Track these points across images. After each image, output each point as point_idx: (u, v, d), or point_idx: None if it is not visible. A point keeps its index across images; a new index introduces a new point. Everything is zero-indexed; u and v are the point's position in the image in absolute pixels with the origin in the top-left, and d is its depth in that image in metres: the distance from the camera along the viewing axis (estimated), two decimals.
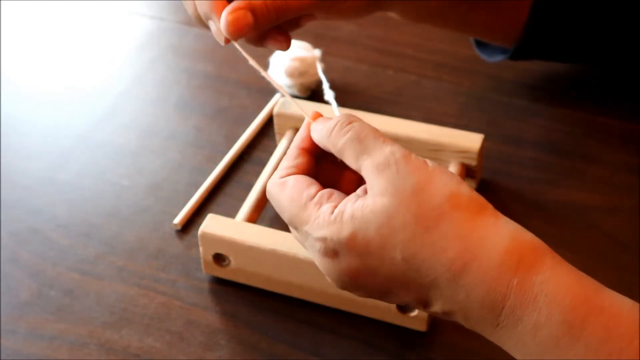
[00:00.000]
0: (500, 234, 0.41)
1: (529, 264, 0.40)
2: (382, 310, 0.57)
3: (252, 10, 0.51)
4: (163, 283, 0.63)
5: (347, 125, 0.45)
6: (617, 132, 0.74)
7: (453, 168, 0.66)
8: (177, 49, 0.88)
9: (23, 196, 0.71)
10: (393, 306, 0.57)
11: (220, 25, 0.52)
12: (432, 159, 0.66)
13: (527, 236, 0.42)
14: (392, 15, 0.66)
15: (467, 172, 0.67)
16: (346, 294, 0.57)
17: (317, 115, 0.48)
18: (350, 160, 0.45)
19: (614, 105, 0.77)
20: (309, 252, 0.46)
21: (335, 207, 0.44)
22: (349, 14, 0.61)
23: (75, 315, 0.61)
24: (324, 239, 0.43)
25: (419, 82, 0.81)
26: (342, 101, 0.77)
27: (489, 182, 0.69)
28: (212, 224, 0.60)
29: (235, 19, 0.51)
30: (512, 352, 0.41)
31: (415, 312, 0.57)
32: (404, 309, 0.57)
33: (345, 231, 0.42)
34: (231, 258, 0.60)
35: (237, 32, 0.51)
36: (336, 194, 0.45)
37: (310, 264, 0.56)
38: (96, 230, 0.67)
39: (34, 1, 0.96)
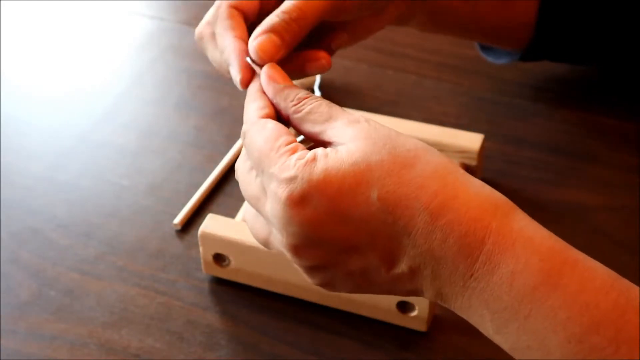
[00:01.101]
0: (474, 181, 0.41)
1: (505, 210, 0.40)
2: (382, 310, 0.57)
3: (273, 30, 0.50)
4: (163, 283, 0.63)
5: (316, 97, 0.45)
6: (617, 132, 0.74)
7: None
8: (177, 49, 0.88)
9: (23, 196, 0.71)
10: (393, 306, 0.57)
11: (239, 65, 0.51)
12: None
13: (497, 191, 0.41)
14: (411, 27, 0.66)
15: (467, 171, 0.66)
16: (346, 294, 0.57)
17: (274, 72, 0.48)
18: (313, 126, 0.44)
19: (614, 105, 0.77)
20: (270, 204, 0.42)
21: (307, 153, 0.42)
22: (374, 27, 0.60)
23: (75, 315, 0.61)
24: (292, 179, 0.41)
25: (419, 82, 0.81)
26: (342, 101, 0.77)
27: (489, 182, 0.68)
28: (212, 224, 0.60)
29: (261, 43, 0.49)
30: (481, 315, 0.40)
31: (415, 312, 0.57)
32: (404, 309, 0.57)
33: (317, 170, 0.41)
34: (231, 258, 0.60)
35: (267, 56, 0.49)
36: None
37: None
38: (96, 230, 0.67)
39: (34, 1, 0.96)
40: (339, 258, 0.42)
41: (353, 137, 0.42)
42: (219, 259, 0.61)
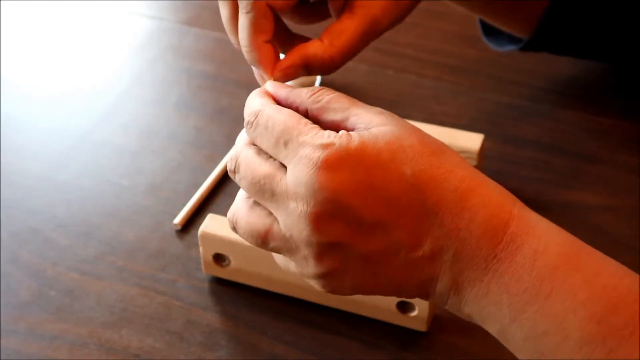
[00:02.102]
0: (490, 179, 0.43)
1: (521, 203, 0.42)
2: (382, 310, 0.57)
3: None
4: (163, 283, 0.63)
5: (331, 90, 0.45)
6: (617, 132, 0.74)
7: None
8: (177, 49, 0.88)
9: (23, 196, 0.71)
10: (393, 306, 0.57)
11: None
12: None
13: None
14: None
15: None
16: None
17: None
18: (335, 114, 0.43)
19: (614, 105, 0.77)
20: (297, 168, 0.41)
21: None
22: (396, 16, 0.58)
23: (75, 315, 0.61)
24: (330, 145, 0.40)
25: (419, 82, 0.81)
26: None
27: None
28: (212, 224, 0.60)
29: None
30: (499, 300, 0.40)
31: (415, 312, 0.57)
32: (404, 309, 0.57)
33: (355, 141, 0.41)
34: (231, 258, 0.60)
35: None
36: None
37: None
38: (96, 230, 0.67)
39: (34, 1, 0.96)
40: (361, 234, 0.41)
41: (382, 122, 0.43)
42: (219, 259, 0.61)
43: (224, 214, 0.62)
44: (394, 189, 0.40)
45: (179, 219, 0.67)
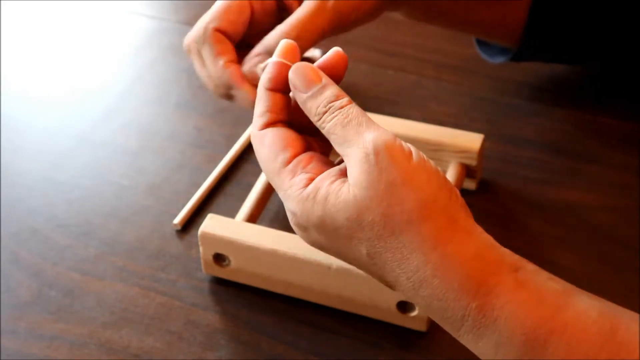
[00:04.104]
0: (464, 253, 0.40)
1: (489, 286, 0.39)
2: (382, 310, 0.57)
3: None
4: (163, 283, 0.63)
5: (335, 109, 0.44)
6: (617, 132, 0.74)
7: (453, 168, 0.66)
8: (177, 49, 0.88)
9: (23, 196, 0.71)
10: (393, 306, 0.57)
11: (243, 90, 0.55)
12: (432, 158, 0.66)
13: (495, 253, 0.41)
14: (397, 15, 0.66)
15: (467, 172, 0.67)
16: (346, 293, 0.57)
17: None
18: (334, 145, 0.44)
19: (614, 105, 0.77)
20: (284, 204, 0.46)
21: (311, 180, 0.43)
22: (361, 20, 0.61)
23: (75, 315, 0.61)
24: (294, 213, 0.44)
25: (419, 82, 0.81)
26: None
27: (489, 182, 0.69)
28: (212, 224, 0.60)
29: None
30: (477, 355, 0.42)
31: (415, 312, 0.57)
32: (404, 309, 0.57)
33: (315, 214, 0.42)
34: (231, 258, 0.60)
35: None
36: (314, 161, 0.44)
37: (310, 263, 0.56)
38: (96, 230, 0.67)
39: (34, 1, 0.96)
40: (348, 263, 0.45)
41: (357, 181, 0.42)
42: (219, 259, 0.61)
43: (224, 214, 0.62)
44: (355, 258, 0.43)
45: (178, 219, 0.67)
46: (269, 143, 0.45)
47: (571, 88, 0.79)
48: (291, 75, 0.45)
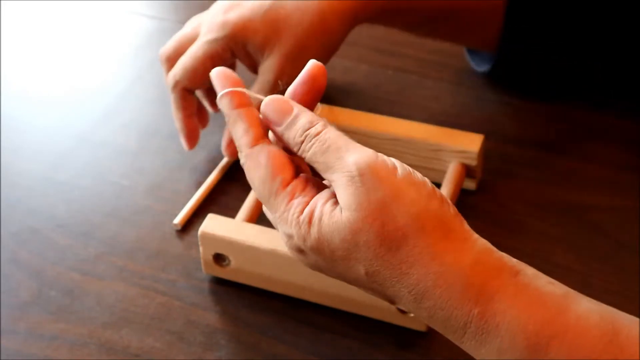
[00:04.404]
0: (462, 262, 0.40)
1: (490, 293, 0.40)
2: (382, 310, 0.57)
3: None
4: (163, 283, 0.63)
5: (312, 138, 0.44)
6: (617, 132, 0.74)
7: (453, 168, 0.66)
8: None
9: (23, 196, 0.71)
10: (393, 306, 0.57)
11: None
12: (432, 159, 0.67)
13: (493, 259, 0.41)
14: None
15: (467, 172, 0.67)
16: (346, 293, 0.57)
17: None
18: (319, 171, 0.44)
19: (614, 105, 0.77)
20: (278, 230, 0.46)
21: (307, 203, 0.43)
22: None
23: (75, 315, 0.61)
24: (290, 236, 0.44)
25: (419, 82, 0.81)
26: (342, 101, 0.77)
27: (489, 182, 0.69)
28: (212, 224, 0.60)
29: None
30: None
31: None
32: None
33: (312, 237, 0.43)
34: (231, 258, 0.60)
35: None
36: (310, 184, 0.44)
37: None
38: (96, 230, 0.67)
39: (34, 1, 0.96)
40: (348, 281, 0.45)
41: (346, 204, 0.42)
42: (219, 259, 0.61)
43: (224, 214, 0.62)
44: (354, 278, 0.43)
45: (179, 219, 0.67)
46: (265, 163, 0.44)
47: (572, 88, 0.79)
48: (263, 110, 0.46)
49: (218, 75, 0.47)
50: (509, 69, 0.75)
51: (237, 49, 0.66)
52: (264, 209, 0.47)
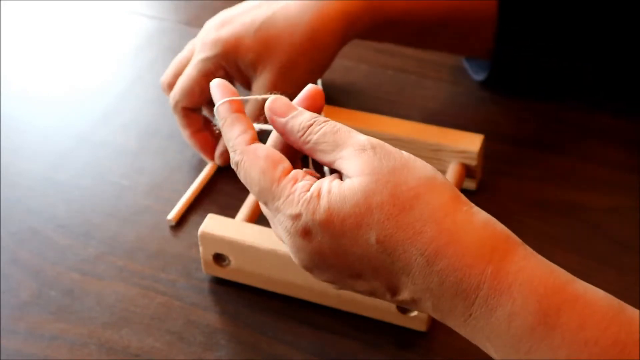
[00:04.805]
0: (474, 222, 0.41)
1: (502, 253, 0.40)
2: (382, 310, 0.57)
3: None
4: (163, 283, 0.63)
5: (322, 122, 0.45)
6: (617, 132, 0.74)
7: (453, 168, 0.66)
8: (177, 49, 0.87)
9: (23, 196, 0.71)
10: (393, 306, 0.57)
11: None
12: (432, 159, 0.67)
13: (500, 227, 0.42)
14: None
15: (467, 172, 0.67)
16: (346, 294, 0.57)
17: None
18: (324, 156, 0.44)
19: (614, 105, 0.77)
20: (277, 229, 0.45)
21: (311, 185, 0.43)
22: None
23: (75, 315, 0.61)
24: (297, 216, 0.43)
25: (418, 82, 0.81)
26: (342, 101, 0.77)
27: (489, 182, 0.69)
28: (212, 224, 0.60)
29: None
30: (484, 346, 0.41)
31: (415, 312, 0.57)
32: (404, 309, 0.57)
33: (321, 209, 0.42)
34: (231, 258, 0.60)
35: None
36: (309, 174, 0.44)
37: None
38: (96, 230, 0.67)
39: (34, 1, 0.96)
40: (347, 281, 0.45)
41: (358, 171, 0.42)
42: (219, 259, 0.61)
43: (224, 214, 0.62)
44: (362, 252, 0.42)
45: (172, 214, 0.67)
46: (264, 155, 0.45)
47: (571, 88, 0.79)
48: (269, 104, 0.46)
49: (218, 85, 0.48)
50: (505, 75, 0.76)
51: (230, 66, 0.68)
52: (262, 207, 0.47)
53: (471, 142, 0.66)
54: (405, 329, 0.58)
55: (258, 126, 0.48)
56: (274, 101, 0.46)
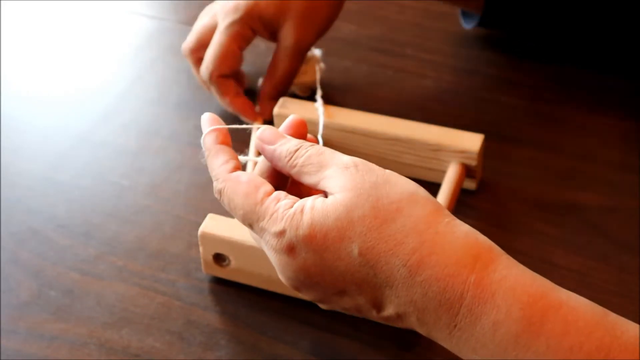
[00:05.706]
0: (456, 233, 0.41)
1: (485, 262, 0.40)
2: None
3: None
4: (163, 283, 0.63)
5: (308, 146, 0.46)
6: (617, 132, 0.74)
7: (453, 168, 0.66)
8: (177, 49, 0.88)
9: (23, 196, 0.71)
10: None
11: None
12: (432, 159, 0.67)
13: (482, 238, 0.42)
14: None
15: (467, 172, 0.67)
16: None
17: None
18: (309, 178, 0.45)
19: (614, 105, 0.77)
20: (265, 250, 0.45)
21: (294, 202, 0.44)
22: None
23: (75, 315, 0.61)
24: (281, 233, 0.43)
25: (419, 82, 0.81)
26: (342, 101, 0.77)
27: (489, 182, 0.69)
28: (212, 224, 0.60)
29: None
30: (469, 357, 0.41)
31: None
32: None
33: (304, 224, 0.42)
34: (231, 258, 0.60)
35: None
36: (291, 196, 0.45)
37: None
38: (96, 230, 0.67)
39: (34, 1, 0.96)
40: (332, 298, 0.45)
41: (341, 187, 0.43)
42: (219, 259, 0.61)
43: (224, 213, 0.62)
44: (345, 266, 0.42)
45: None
46: (246, 180, 0.45)
47: (571, 88, 0.79)
48: (260, 134, 0.48)
49: (208, 119, 0.51)
50: (498, 13, 0.78)
51: (255, 24, 0.72)
52: (250, 234, 0.47)
53: (471, 142, 0.66)
54: (405, 329, 0.58)
55: (243, 158, 0.50)
56: (264, 131, 0.48)
